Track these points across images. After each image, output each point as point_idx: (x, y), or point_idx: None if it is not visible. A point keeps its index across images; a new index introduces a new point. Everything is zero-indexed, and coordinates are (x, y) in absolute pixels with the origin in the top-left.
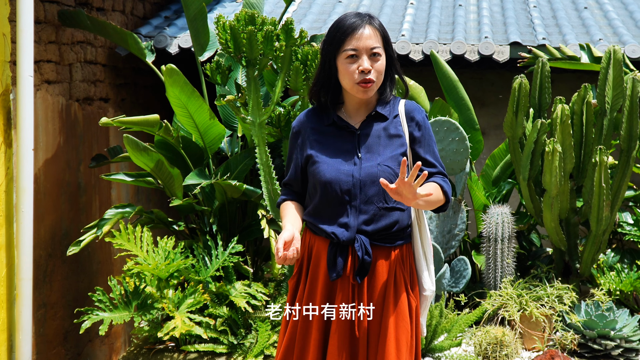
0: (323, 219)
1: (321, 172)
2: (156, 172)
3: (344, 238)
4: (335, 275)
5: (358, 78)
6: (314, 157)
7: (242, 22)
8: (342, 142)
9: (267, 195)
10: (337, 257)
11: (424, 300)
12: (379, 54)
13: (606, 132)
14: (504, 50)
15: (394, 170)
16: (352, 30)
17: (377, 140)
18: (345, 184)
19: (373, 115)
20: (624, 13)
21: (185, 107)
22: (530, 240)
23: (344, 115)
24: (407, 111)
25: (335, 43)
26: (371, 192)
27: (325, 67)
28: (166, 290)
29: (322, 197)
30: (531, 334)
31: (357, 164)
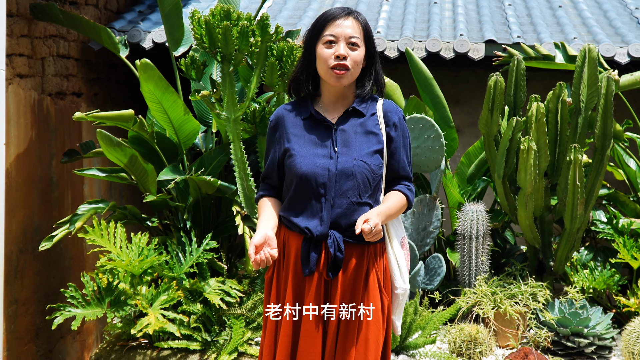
0: (297, 213)
1: (297, 165)
2: (130, 168)
3: (318, 232)
4: (308, 270)
5: (333, 63)
6: (290, 150)
7: (217, 17)
8: (319, 136)
9: (242, 191)
10: (311, 252)
11: (395, 298)
12: (357, 44)
13: (581, 131)
14: (479, 48)
15: (370, 166)
16: (332, 18)
17: (353, 136)
18: (320, 177)
19: (350, 111)
20: (598, 12)
21: (159, 103)
22: (504, 238)
23: (322, 109)
24: (385, 111)
25: (316, 30)
26: (346, 186)
27: (306, 54)
28: (139, 287)
29: (297, 190)
30: (505, 331)
31: (333, 158)
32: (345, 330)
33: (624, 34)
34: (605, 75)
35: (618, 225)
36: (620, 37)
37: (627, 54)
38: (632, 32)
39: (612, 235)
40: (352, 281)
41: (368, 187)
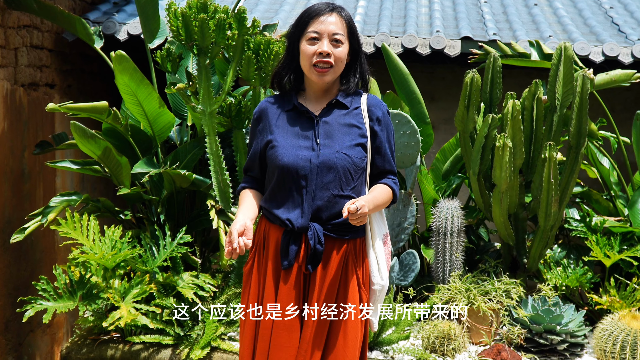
0: (278, 205)
1: (279, 156)
2: (103, 160)
3: (298, 224)
4: (287, 263)
5: (315, 59)
6: (273, 141)
7: (194, 10)
8: (302, 128)
9: (217, 185)
10: (290, 245)
11: (372, 294)
12: (340, 41)
13: (556, 128)
14: (455, 45)
15: (352, 159)
16: (316, 14)
17: (336, 128)
18: (302, 169)
19: (334, 104)
20: (573, 11)
21: (134, 95)
22: (478, 234)
23: (305, 102)
24: (369, 105)
25: (300, 26)
26: (327, 178)
27: (289, 49)
28: (112, 280)
29: (278, 182)
30: (479, 328)
31: (315, 150)
32: (323, 329)
33: (598, 32)
34: (580, 74)
35: (591, 224)
36: (594, 35)
37: (601, 52)
38: (607, 31)
39: (585, 233)
40: (331, 276)
41: (350, 180)
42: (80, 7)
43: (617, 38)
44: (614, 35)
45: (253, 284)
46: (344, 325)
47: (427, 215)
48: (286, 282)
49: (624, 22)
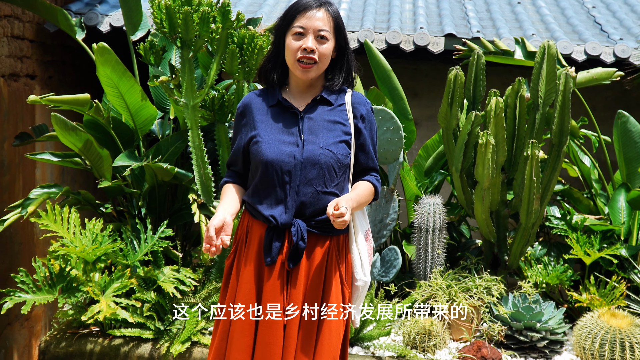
0: (261, 200)
1: (263, 151)
2: (84, 153)
3: (282, 221)
4: (270, 260)
5: (300, 55)
6: (256, 136)
7: (178, 2)
8: (286, 124)
9: (199, 179)
10: (274, 241)
11: (355, 290)
12: (326, 37)
13: (538, 126)
14: (438, 42)
15: (336, 156)
16: (303, 9)
17: (320, 124)
18: (286, 164)
19: (318, 100)
20: (556, 10)
21: (116, 87)
22: (460, 231)
23: (290, 97)
24: (354, 102)
25: (286, 20)
26: (311, 174)
27: (275, 43)
28: (92, 274)
29: (262, 177)
30: (459, 324)
31: (299, 146)
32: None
33: (581, 32)
34: (563, 72)
35: (572, 222)
36: (577, 34)
37: (583, 51)
38: (589, 31)
39: (565, 231)
40: (314, 273)
41: (334, 176)
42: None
43: (600, 37)
44: (596, 35)
45: (233, 279)
46: (328, 324)
47: (409, 211)
48: (269, 279)
49: (606, 22)
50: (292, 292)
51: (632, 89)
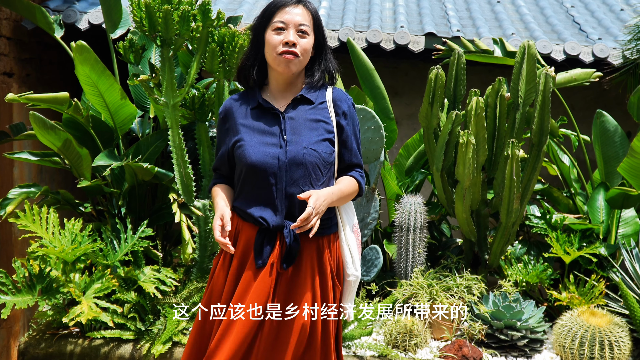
0: (250, 204)
1: (247, 155)
2: (64, 152)
3: (274, 223)
4: (261, 262)
5: (281, 49)
6: (240, 140)
7: (157, 1)
8: (267, 125)
9: (180, 178)
10: (265, 244)
11: (347, 285)
12: (306, 32)
13: (518, 126)
14: (419, 41)
15: (320, 154)
16: (282, 5)
17: (303, 124)
18: (270, 167)
19: (299, 99)
20: (535, 9)
21: (95, 86)
22: (440, 230)
23: (270, 98)
24: (334, 99)
25: (265, 16)
26: (297, 175)
27: (254, 41)
28: (72, 274)
29: (248, 181)
30: (440, 324)
31: (282, 147)
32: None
33: (560, 31)
34: (543, 72)
35: (551, 220)
36: (556, 34)
37: (563, 51)
38: (568, 30)
39: (545, 230)
40: (304, 273)
41: (320, 175)
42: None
43: (578, 37)
44: (575, 34)
45: (220, 279)
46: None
47: (390, 210)
48: (258, 280)
49: (585, 22)
50: (283, 293)
51: (610, 88)
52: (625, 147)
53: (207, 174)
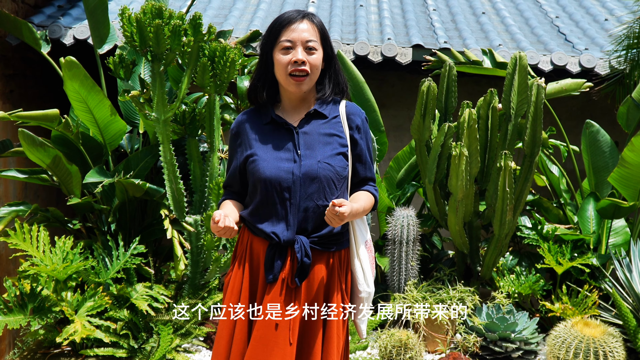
0: (262, 219)
1: (260, 169)
2: (53, 169)
3: (285, 237)
4: (272, 277)
5: (291, 68)
6: (253, 155)
7: (148, 15)
8: (281, 140)
9: (171, 194)
10: (276, 259)
11: (359, 302)
12: (314, 48)
13: (510, 137)
14: (406, 53)
15: (335, 168)
16: (288, 22)
17: (316, 138)
18: (285, 181)
19: (312, 114)
20: (520, 20)
21: (84, 102)
22: (432, 242)
23: (283, 113)
24: (348, 113)
25: (272, 35)
26: (311, 189)
27: (263, 61)
28: (64, 293)
29: (262, 196)
30: (434, 336)
31: (297, 162)
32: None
33: (546, 42)
34: (535, 83)
35: (543, 231)
36: (542, 45)
37: (550, 61)
38: (554, 41)
39: (537, 241)
40: (316, 289)
41: (334, 189)
42: (24, 10)
43: (565, 47)
44: (561, 45)
45: (234, 294)
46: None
47: (382, 223)
48: (270, 296)
49: (570, 32)
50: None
51: (598, 98)
52: (615, 157)
53: (198, 189)
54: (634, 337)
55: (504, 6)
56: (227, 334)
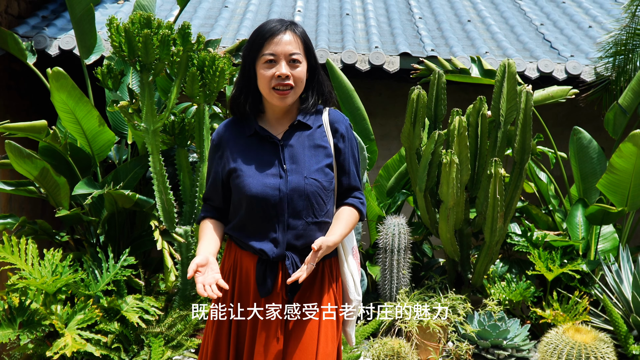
0: (249, 235)
1: (246, 186)
2: (40, 181)
3: (274, 255)
4: (265, 292)
5: (274, 83)
6: (237, 170)
7: (137, 25)
8: (266, 154)
9: (161, 205)
10: (267, 275)
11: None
12: (298, 60)
13: (500, 144)
14: (394, 61)
15: (322, 184)
16: (271, 35)
17: (301, 151)
18: (272, 198)
19: (296, 125)
20: (505, 27)
21: (72, 113)
22: (422, 250)
23: (266, 125)
24: (332, 121)
25: (254, 47)
26: (299, 206)
27: (245, 72)
28: (54, 306)
29: (248, 212)
30: (427, 344)
31: (283, 177)
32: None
33: (532, 49)
34: (524, 90)
35: (533, 238)
36: (529, 52)
37: (536, 69)
38: (540, 48)
39: (527, 248)
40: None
41: (322, 205)
42: (7, 21)
43: (551, 54)
44: (547, 52)
45: (224, 320)
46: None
47: (372, 232)
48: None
49: (555, 39)
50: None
51: (585, 105)
52: (603, 163)
53: (187, 199)
54: (625, 343)
55: (489, 14)
56: (213, 337)
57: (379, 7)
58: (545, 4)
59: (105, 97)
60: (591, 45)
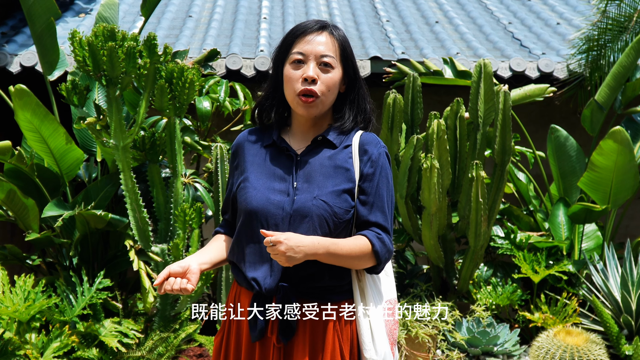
0: (244, 257)
1: (247, 198)
2: (7, 204)
3: (267, 285)
4: (255, 335)
5: (300, 87)
6: (244, 181)
7: (100, 38)
8: (279, 168)
9: (135, 224)
10: (259, 312)
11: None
12: (330, 65)
13: (480, 147)
14: (365, 65)
15: (332, 208)
16: (302, 32)
17: (319, 169)
18: (272, 217)
19: (320, 141)
20: (474, 27)
21: (38, 132)
22: (405, 258)
23: (289, 137)
24: (362, 143)
25: (283, 47)
26: (301, 230)
27: (273, 76)
28: (28, 335)
29: (245, 229)
30: (417, 355)
31: (290, 195)
32: None
33: (502, 48)
34: (502, 90)
35: (516, 240)
36: (499, 51)
37: (509, 68)
38: (510, 47)
39: (511, 250)
40: (309, 350)
41: (327, 233)
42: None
43: (521, 53)
44: (517, 50)
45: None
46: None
47: None
48: (259, 358)
49: (525, 37)
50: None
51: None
52: (582, 161)
53: (162, 216)
54: (617, 343)
55: (456, 14)
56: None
57: (345, 11)
58: (511, 3)
59: (71, 114)
60: (561, 42)
